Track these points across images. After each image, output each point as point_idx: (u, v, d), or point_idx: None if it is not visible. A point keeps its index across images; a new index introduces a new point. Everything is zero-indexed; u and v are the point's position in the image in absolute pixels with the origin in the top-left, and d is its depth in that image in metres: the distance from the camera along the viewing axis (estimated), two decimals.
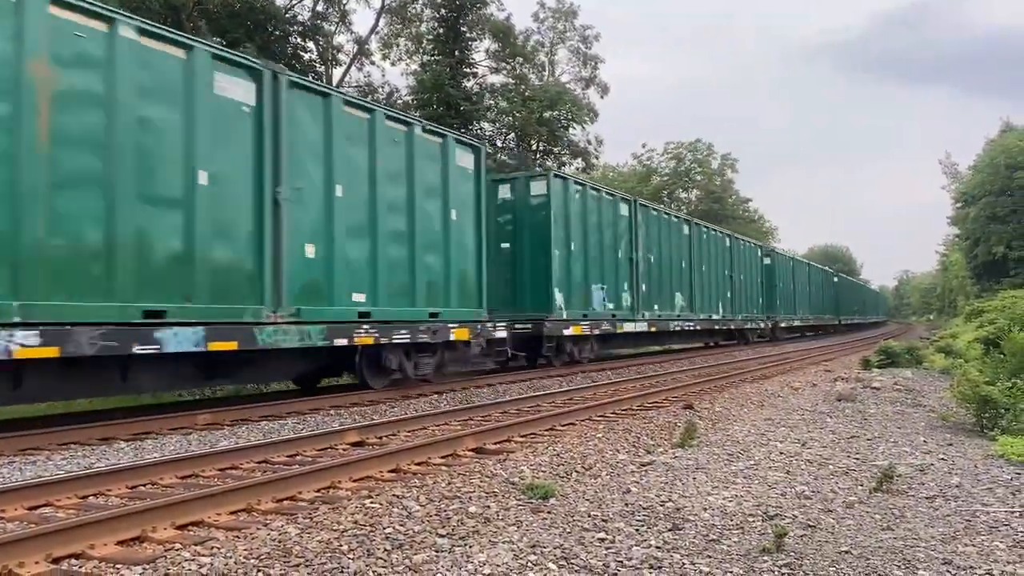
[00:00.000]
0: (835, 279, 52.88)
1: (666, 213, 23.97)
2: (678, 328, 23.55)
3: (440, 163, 13.17)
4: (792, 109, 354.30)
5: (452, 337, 13.17)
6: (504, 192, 17.68)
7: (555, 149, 33.95)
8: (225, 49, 10.64)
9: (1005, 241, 47.42)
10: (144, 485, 6.09)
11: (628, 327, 20.17)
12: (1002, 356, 12.71)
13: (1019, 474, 6.43)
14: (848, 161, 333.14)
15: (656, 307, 22.09)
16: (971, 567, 4.13)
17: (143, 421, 9.01)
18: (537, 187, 17.31)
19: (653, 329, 21.71)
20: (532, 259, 17.22)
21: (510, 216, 17.65)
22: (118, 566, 4.09)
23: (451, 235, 13.31)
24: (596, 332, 18.71)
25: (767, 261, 34.28)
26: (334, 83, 28.22)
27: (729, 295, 28.12)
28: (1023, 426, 8.42)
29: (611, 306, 19.36)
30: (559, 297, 17.10)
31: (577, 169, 35.44)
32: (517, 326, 16.10)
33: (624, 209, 20.46)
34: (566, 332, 17.34)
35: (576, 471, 6.55)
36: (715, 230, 28.17)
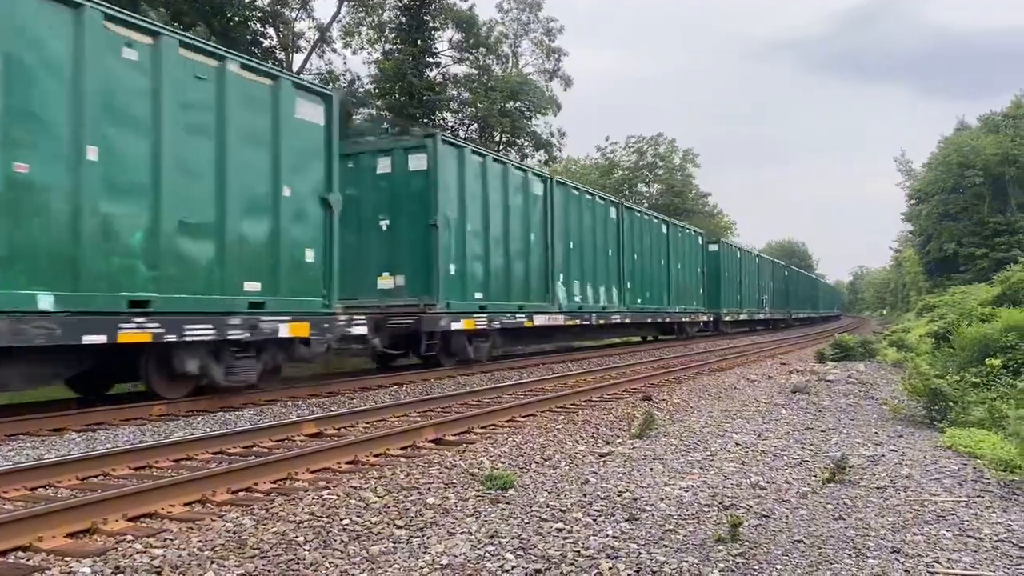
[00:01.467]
0: (711, 247, 34.41)
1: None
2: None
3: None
4: (753, 105, 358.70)
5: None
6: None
7: (518, 140, 33.92)
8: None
9: (956, 238, 48.59)
10: (96, 476, 5.98)
11: None
12: (952, 350, 13.00)
13: (965, 465, 6.59)
14: (808, 158, 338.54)
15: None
16: (919, 555, 4.22)
17: (96, 412, 8.84)
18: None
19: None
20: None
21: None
22: (67, 559, 4.01)
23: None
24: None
25: (520, 191, 17.53)
26: (294, 70, 27.90)
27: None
28: (971, 419, 8.63)
29: None
30: None
31: (539, 162, 35.46)
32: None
33: None
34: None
35: (535, 462, 6.57)
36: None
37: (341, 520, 4.71)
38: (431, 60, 29.83)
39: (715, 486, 5.75)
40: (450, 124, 31.53)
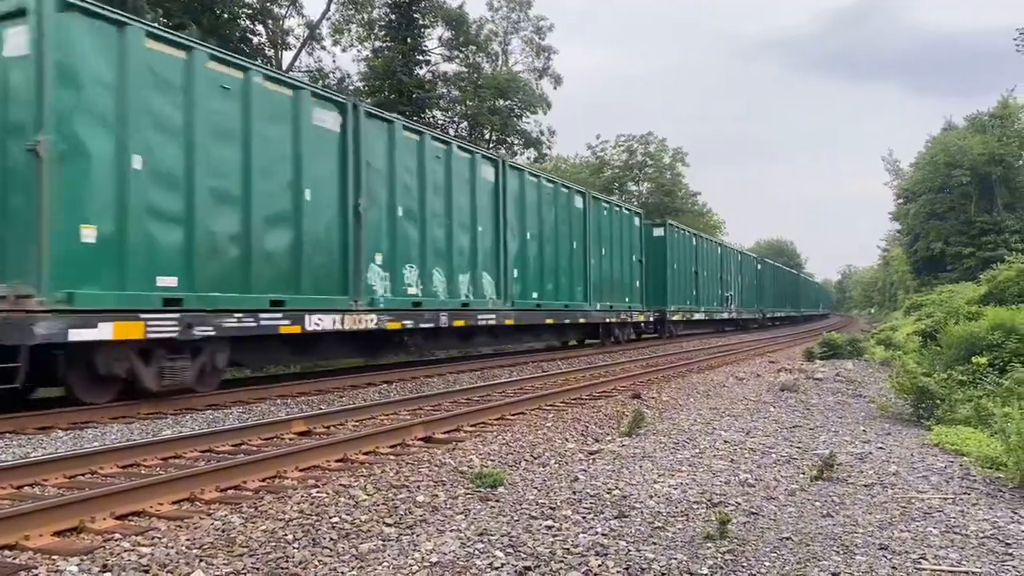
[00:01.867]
0: (655, 231, 27.94)
1: None
2: None
3: None
4: (742, 105, 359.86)
5: None
6: None
7: (508, 139, 33.92)
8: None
9: (943, 237, 48.85)
10: (83, 474, 5.94)
11: None
12: (939, 348, 13.08)
13: (952, 462, 6.64)
14: (798, 157, 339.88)
15: None
16: (906, 551, 4.25)
17: (82, 410, 8.78)
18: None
19: None
20: None
21: None
22: (54, 557, 3.99)
23: None
24: None
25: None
26: (283, 67, 27.81)
27: None
28: (957, 416, 8.69)
29: None
30: None
31: (529, 159, 35.45)
32: None
33: None
34: None
35: (525, 460, 6.57)
36: None
37: (330, 518, 4.70)
38: (421, 58, 29.79)
39: (704, 483, 5.77)
40: (440, 122, 31.50)
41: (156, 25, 9.96)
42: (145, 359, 9.34)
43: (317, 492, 5.33)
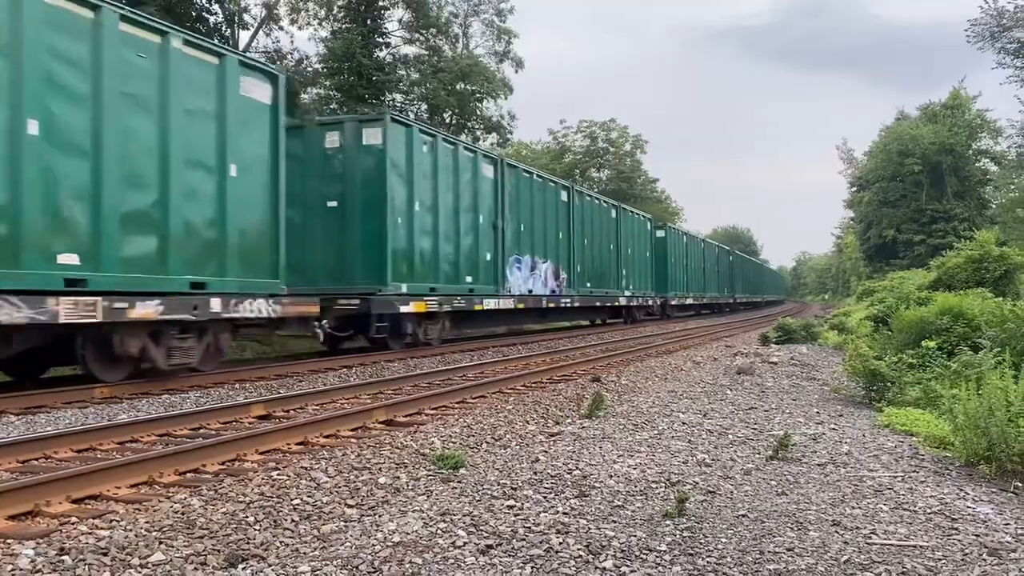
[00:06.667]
0: (368, 133, 14.28)
1: None
2: None
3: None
4: (700, 93, 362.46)
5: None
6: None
7: (468, 123, 33.74)
8: None
9: (895, 224, 49.89)
10: (37, 459, 5.85)
11: None
12: (890, 333, 13.39)
13: (902, 442, 6.83)
14: (755, 146, 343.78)
15: None
16: (857, 527, 4.37)
17: (35, 394, 8.62)
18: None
19: None
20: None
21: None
22: (9, 541, 3.92)
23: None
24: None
25: None
26: (240, 47, 27.32)
27: None
28: (907, 398, 8.93)
29: None
30: None
31: (492, 144, 35.30)
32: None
33: None
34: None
35: (486, 442, 6.61)
36: None
37: (292, 500, 4.69)
38: (380, 40, 29.45)
39: (662, 464, 5.86)
40: (399, 104, 31.22)
41: None
42: None
43: (278, 475, 5.31)
